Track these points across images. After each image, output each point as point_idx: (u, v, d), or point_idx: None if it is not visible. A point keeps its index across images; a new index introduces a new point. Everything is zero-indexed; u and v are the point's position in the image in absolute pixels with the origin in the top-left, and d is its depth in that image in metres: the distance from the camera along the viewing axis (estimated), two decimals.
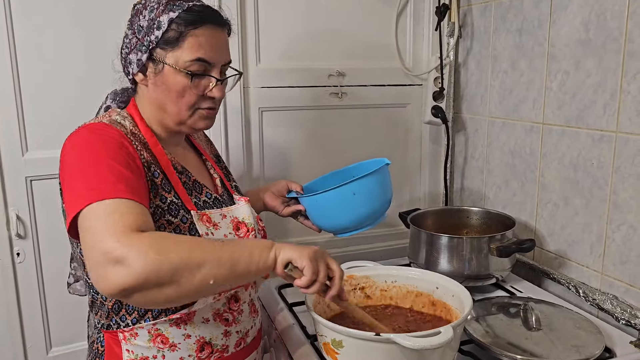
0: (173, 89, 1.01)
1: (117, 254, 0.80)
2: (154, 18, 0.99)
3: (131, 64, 1.02)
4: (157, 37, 0.99)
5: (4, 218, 1.44)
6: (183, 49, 0.99)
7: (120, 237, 0.82)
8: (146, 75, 1.03)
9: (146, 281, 0.81)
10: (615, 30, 1.26)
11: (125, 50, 1.03)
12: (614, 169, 1.29)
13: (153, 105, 1.05)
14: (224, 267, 0.87)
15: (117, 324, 1.01)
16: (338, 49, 1.74)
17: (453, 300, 1.13)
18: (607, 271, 1.33)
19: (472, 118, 1.80)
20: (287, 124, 1.72)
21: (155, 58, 1.00)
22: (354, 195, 1.23)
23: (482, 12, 1.71)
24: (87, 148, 0.93)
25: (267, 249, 0.92)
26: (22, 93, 1.41)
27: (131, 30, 1.02)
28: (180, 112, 1.04)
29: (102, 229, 0.83)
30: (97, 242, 0.82)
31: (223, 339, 1.06)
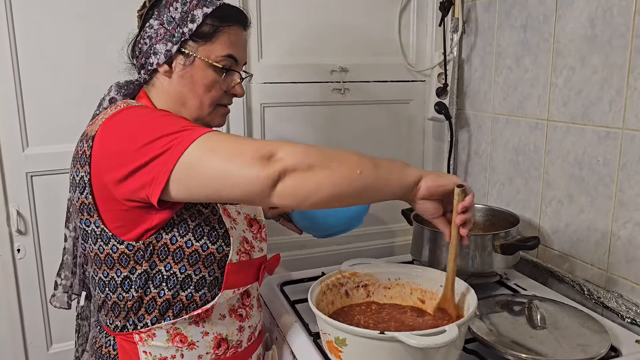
0: (201, 83, 1.02)
1: (268, 149, 0.83)
2: (188, 11, 1.00)
3: (157, 54, 1.01)
4: (191, 30, 1.00)
5: (4, 214, 1.43)
6: (216, 44, 1.01)
7: (259, 141, 0.85)
8: (171, 67, 1.02)
9: (301, 161, 0.83)
10: (622, 26, 1.24)
11: (148, 40, 1.02)
12: (620, 166, 1.27)
13: (172, 98, 1.04)
14: (368, 163, 0.88)
15: (134, 324, 0.99)
16: (341, 44, 1.73)
17: (457, 298, 1.12)
18: (612, 269, 1.32)
19: (476, 114, 1.79)
20: (289, 119, 1.71)
21: (186, 50, 1.01)
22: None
23: (487, 8, 1.69)
24: (145, 117, 0.93)
25: (409, 166, 0.95)
26: (23, 89, 1.40)
27: (158, 21, 1.01)
28: (202, 107, 1.04)
29: (234, 143, 0.85)
30: (240, 148, 0.84)
31: (238, 335, 1.07)
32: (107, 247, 0.96)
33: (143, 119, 0.92)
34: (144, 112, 0.95)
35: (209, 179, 0.84)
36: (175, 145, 0.84)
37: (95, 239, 0.97)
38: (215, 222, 1.00)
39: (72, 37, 1.42)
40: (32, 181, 1.44)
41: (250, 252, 1.05)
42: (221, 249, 1.00)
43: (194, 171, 0.84)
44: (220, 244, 1.00)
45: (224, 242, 1.00)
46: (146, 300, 0.98)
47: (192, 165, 0.83)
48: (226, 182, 0.84)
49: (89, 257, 1.01)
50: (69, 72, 1.43)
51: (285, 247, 1.73)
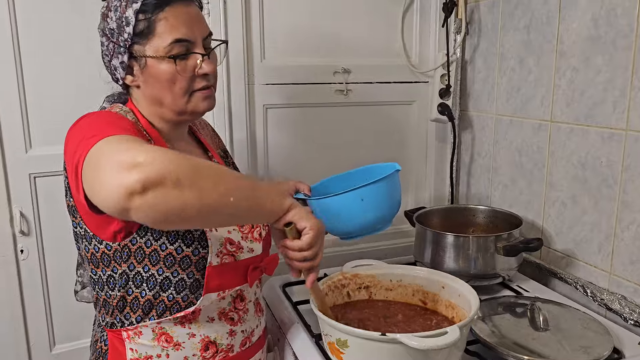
0: (163, 79, 0.98)
1: (137, 156, 0.73)
2: (120, 16, 0.96)
3: (116, 70, 1.00)
4: (130, 34, 0.95)
5: (7, 215, 1.43)
6: (157, 36, 0.96)
7: (134, 146, 0.76)
8: (134, 75, 1.00)
9: (168, 174, 0.74)
10: (625, 27, 1.24)
11: (106, 58, 1.01)
12: (623, 167, 1.27)
13: (150, 102, 1.02)
14: (244, 190, 0.85)
15: (121, 322, 1.00)
16: (343, 45, 1.73)
17: (459, 299, 1.12)
18: (616, 271, 1.31)
19: (479, 116, 1.79)
20: (292, 121, 1.71)
21: (136, 55, 0.97)
22: (362, 201, 1.21)
23: (490, 9, 1.69)
24: (94, 120, 0.91)
25: (284, 196, 0.93)
26: (26, 90, 1.41)
27: (105, 37, 0.99)
28: (177, 100, 1.00)
29: (115, 147, 0.78)
30: (111, 155, 0.76)
31: (228, 339, 1.05)
32: (91, 247, 0.98)
33: (84, 127, 0.89)
34: (95, 117, 0.93)
35: (89, 180, 0.80)
36: (82, 151, 0.81)
37: (82, 239, 0.99)
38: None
39: (76, 39, 1.42)
40: (35, 182, 1.45)
41: (235, 253, 1.03)
42: (197, 251, 0.97)
43: (86, 170, 0.81)
44: (196, 247, 0.97)
45: (200, 244, 0.98)
46: (129, 299, 0.98)
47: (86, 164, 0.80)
48: (94, 188, 0.79)
49: (83, 257, 1.03)
50: (73, 74, 1.43)
51: None
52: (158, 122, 1.05)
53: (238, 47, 1.58)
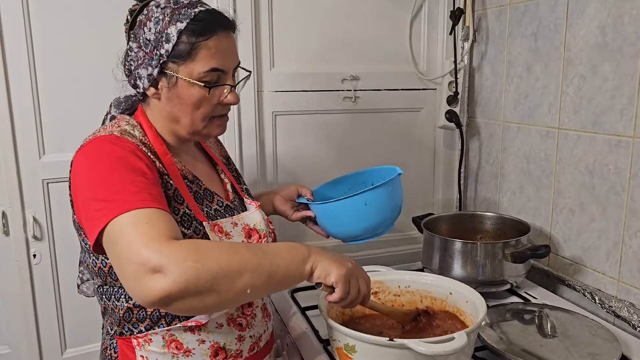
0: (188, 102, 0.99)
1: (154, 263, 0.78)
2: (161, 30, 0.95)
3: (141, 79, 0.99)
4: (168, 51, 0.95)
5: (21, 220, 1.46)
6: (196, 61, 0.96)
7: (155, 246, 0.80)
8: (158, 89, 1.00)
9: (186, 289, 0.78)
10: (632, 35, 1.24)
11: (132, 64, 1.00)
12: (631, 174, 1.27)
13: (165, 117, 1.03)
14: (262, 276, 0.85)
15: (129, 330, 1.00)
16: (352, 53, 1.74)
17: (467, 306, 1.12)
18: (624, 278, 1.31)
19: (487, 123, 1.79)
20: (300, 128, 1.73)
21: (167, 72, 0.97)
22: (365, 205, 1.23)
23: (497, 16, 1.70)
24: (102, 160, 0.92)
25: (303, 262, 0.91)
26: (40, 97, 1.43)
27: (136, 44, 0.98)
28: (195, 123, 1.02)
29: (134, 240, 0.81)
30: (131, 255, 0.80)
31: (237, 344, 1.05)
32: (98, 261, 0.99)
33: (97, 168, 0.91)
34: (100, 158, 0.92)
35: (113, 263, 0.86)
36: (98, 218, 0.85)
37: (89, 253, 1.00)
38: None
39: (89, 46, 1.45)
40: (48, 188, 1.47)
41: None
42: None
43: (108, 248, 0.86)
44: None
45: None
46: (136, 310, 0.99)
47: (107, 241, 0.85)
48: (120, 278, 0.84)
49: (89, 269, 1.04)
50: (86, 81, 1.46)
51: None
52: (168, 135, 1.06)
53: (248, 55, 1.60)
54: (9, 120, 1.40)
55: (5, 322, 1.50)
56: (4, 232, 1.46)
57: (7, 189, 1.43)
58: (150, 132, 1.03)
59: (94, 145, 0.95)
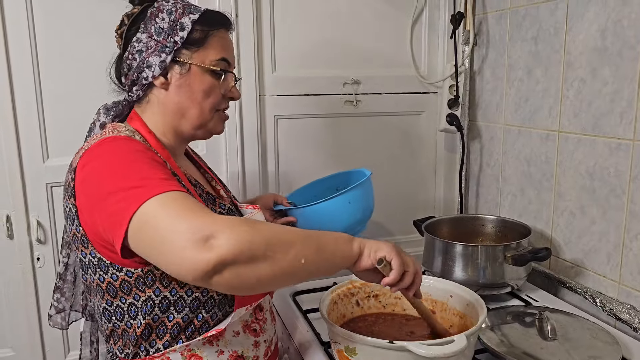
0: (199, 89, 1.01)
1: (207, 231, 0.74)
2: (175, 20, 0.99)
3: (150, 67, 0.99)
4: (182, 38, 0.99)
5: (24, 223, 1.47)
6: (209, 48, 1.01)
7: (203, 216, 0.76)
8: (167, 78, 1.00)
9: (241, 253, 0.75)
10: (632, 38, 1.25)
11: (138, 55, 0.99)
12: (631, 177, 1.27)
13: (170, 110, 1.02)
14: (312, 248, 0.84)
15: (145, 350, 0.95)
16: (353, 57, 1.75)
17: (467, 308, 1.13)
18: (625, 281, 1.31)
19: (488, 126, 1.80)
20: (302, 131, 1.74)
21: (181, 59, 1.00)
22: (349, 204, 1.28)
23: (498, 20, 1.71)
24: (119, 155, 0.89)
25: (349, 240, 0.91)
26: (44, 101, 1.45)
27: (146, 34, 0.99)
28: (203, 114, 1.03)
29: (178, 213, 0.77)
30: (177, 224, 0.75)
31: (254, 350, 1.03)
32: (107, 276, 0.93)
33: (114, 163, 0.87)
34: (118, 153, 0.89)
35: (151, 248, 0.80)
36: (126, 205, 0.80)
37: (95, 269, 0.94)
38: None
39: (93, 50, 1.46)
40: (52, 192, 1.48)
41: None
42: None
43: (142, 233, 0.79)
44: None
45: None
46: (155, 326, 0.94)
47: (140, 227, 0.79)
48: (161, 258, 0.79)
49: (92, 287, 0.97)
50: (90, 85, 1.47)
51: None
52: (170, 135, 1.04)
53: (250, 58, 1.61)
54: (13, 125, 1.42)
55: (9, 325, 1.51)
56: (8, 235, 1.47)
57: (11, 193, 1.45)
58: (150, 137, 1.01)
59: (107, 144, 0.92)
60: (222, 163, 1.65)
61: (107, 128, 1.00)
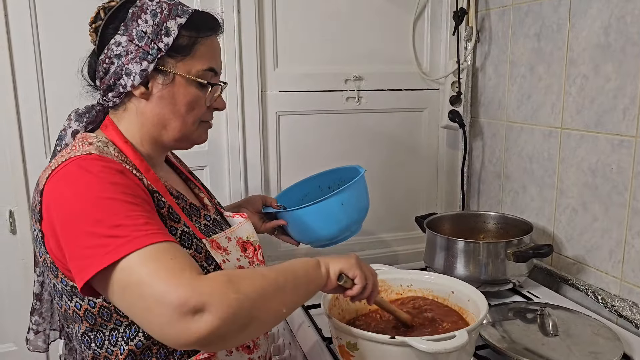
0: (183, 101, 0.92)
1: (195, 302, 0.69)
2: (160, 23, 0.89)
3: (130, 75, 0.89)
4: (167, 45, 0.89)
5: (27, 219, 1.47)
6: (195, 58, 0.92)
7: (192, 282, 0.71)
8: (148, 87, 0.91)
9: (232, 323, 0.72)
10: (635, 35, 1.25)
11: (116, 59, 0.89)
12: (634, 174, 1.27)
13: (150, 121, 0.93)
14: (290, 293, 0.84)
15: None
16: (355, 53, 1.75)
17: (469, 304, 1.13)
18: (627, 277, 1.31)
19: (490, 123, 1.80)
20: (304, 128, 1.74)
21: (164, 68, 0.90)
22: (342, 205, 1.24)
23: (500, 17, 1.70)
24: (89, 186, 0.79)
25: (317, 267, 0.92)
26: (46, 98, 1.45)
27: (126, 37, 0.89)
28: (186, 126, 0.94)
29: (161, 280, 0.71)
30: (162, 296, 0.70)
31: None
32: (84, 303, 0.86)
33: (84, 198, 0.77)
34: (88, 184, 0.79)
35: (133, 312, 0.75)
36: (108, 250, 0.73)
37: (70, 295, 0.87)
38: (203, 260, 0.90)
39: None
40: None
41: None
42: None
43: (124, 294, 0.74)
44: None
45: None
46: (139, 352, 0.87)
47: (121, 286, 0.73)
48: (145, 324, 0.74)
49: (67, 315, 0.90)
50: None
51: (300, 254, 1.74)
52: (147, 146, 0.96)
53: (251, 55, 1.61)
54: (15, 119, 1.42)
55: (12, 320, 1.52)
56: (10, 230, 1.47)
57: (14, 189, 1.45)
58: (127, 147, 0.92)
59: (76, 168, 0.81)
60: (224, 160, 1.65)
61: (77, 140, 0.91)
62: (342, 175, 1.40)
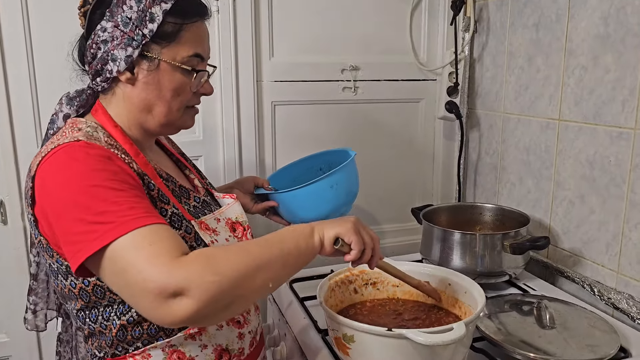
0: (168, 87, 0.93)
1: (174, 287, 0.72)
2: (145, 9, 0.89)
3: (115, 61, 0.90)
4: (152, 31, 0.89)
5: (19, 208, 1.46)
6: (181, 43, 0.92)
7: (169, 268, 0.74)
8: (133, 73, 0.92)
9: (213, 305, 0.75)
10: (635, 26, 1.23)
11: (103, 45, 0.90)
12: (632, 166, 1.27)
13: (136, 106, 0.94)
14: (277, 266, 0.84)
15: (124, 349, 0.92)
16: (352, 43, 1.73)
17: (466, 296, 1.12)
18: (623, 270, 1.31)
19: (487, 114, 1.79)
20: (300, 117, 1.72)
21: (149, 54, 0.91)
22: (331, 187, 1.26)
23: (499, 7, 1.69)
24: (78, 173, 0.81)
25: (310, 235, 0.90)
26: (38, 85, 1.43)
27: (112, 23, 0.90)
28: (171, 112, 0.95)
29: (142, 266, 0.74)
30: (145, 283, 0.73)
31: (238, 342, 1.01)
32: (78, 282, 0.89)
33: (72, 186, 0.80)
34: (76, 171, 0.81)
35: (120, 292, 0.80)
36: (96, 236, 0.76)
37: (65, 275, 0.90)
38: (193, 241, 0.93)
39: None
40: None
41: None
42: None
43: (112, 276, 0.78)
44: None
45: None
46: (130, 327, 0.91)
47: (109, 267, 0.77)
48: (132, 303, 0.80)
49: (64, 293, 0.93)
50: None
51: None
52: (135, 130, 0.97)
53: (247, 44, 1.59)
54: (6, 109, 1.40)
55: (4, 311, 1.50)
56: (2, 220, 1.46)
57: (5, 178, 1.43)
58: (116, 131, 0.94)
59: (63, 156, 0.83)
60: (219, 149, 1.64)
61: (67, 126, 0.93)
62: (333, 158, 1.42)
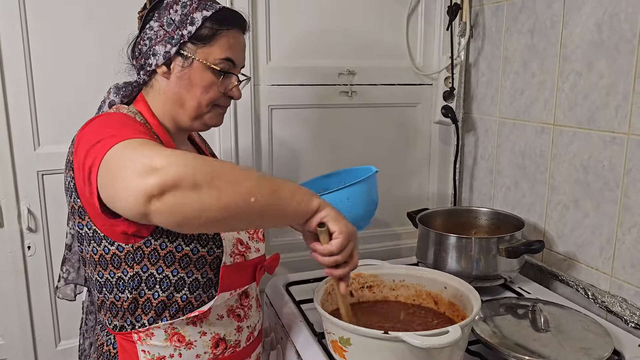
0: (198, 84, 1.04)
1: (155, 162, 0.74)
2: (188, 14, 1.02)
3: (155, 56, 1.02)
4: (190, 32, 1.01)
5: (15, 211, 1.45)
6: (214, 47, 1.03)
7: (156, 151, 0.77)
8: (170, 68, 1.04)
9: (184, 177, 0.74)
10: (628, 32, 1.25)
11: (148, 41, 1.03)
12: (625, 171, 1.28)
13: (170, 99, 1.05)
14: (266, 189, 0.82)
15: (131, 324, 1.00)
16: (348, 47, 1.74)
17: (461, 300, 1.13)
18: (617, 274, 1.32)
19: (482, 118, 1.80)
20: (296, 122, 1.73)
21: (185, 52, 1.02)
22: (348, 200, 1.26)
23: (494, 12, 1.70)
24: (112, 121, 0.92)
25: (311, 195, 0.89)
26: (35, 88, 1.43)
27: (158, 23, 1.03)
28: (200, 107, 1.05)
29: (133, 150, 0.78)
30: (129, 161, 0.76)
31: (236, 335, 1.08)
32: (99, 248, 0.97)
33: (98, 126, 0.90)
34: (107, 120, 0.94)
35: (107, 186, 0.80)
36: (96, 154, 0.82)
37: (89, 240, 0.97)
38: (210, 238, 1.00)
39: (85, 37, 1.44)
40: (43, 180, 1.47)
41: (245, 253, 1.06)
42: (212, 251, 1.00)
43: (103, 176, 0.81)
44: (211, 247, 1.00)
45: (215, 244, 1.00)
46: (141, 301, 0.98)
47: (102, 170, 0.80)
48: (112, 192, 0.80)
49: (86, 259, 1.02)
50: (81, 72, 1.45)
51: (291, 248, 1.74)
52: (169, 122, 1.08)
53: None
54: (4, 112, 1.40)
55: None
56: None
57: (1, 181, 1.43)
58: (153, 120, 1.05)
59: (103, 117, 0.96)
60: (216, 153, 1.64)
61: (113, 108, 1.05)
62: (357, 175, 1.39)
